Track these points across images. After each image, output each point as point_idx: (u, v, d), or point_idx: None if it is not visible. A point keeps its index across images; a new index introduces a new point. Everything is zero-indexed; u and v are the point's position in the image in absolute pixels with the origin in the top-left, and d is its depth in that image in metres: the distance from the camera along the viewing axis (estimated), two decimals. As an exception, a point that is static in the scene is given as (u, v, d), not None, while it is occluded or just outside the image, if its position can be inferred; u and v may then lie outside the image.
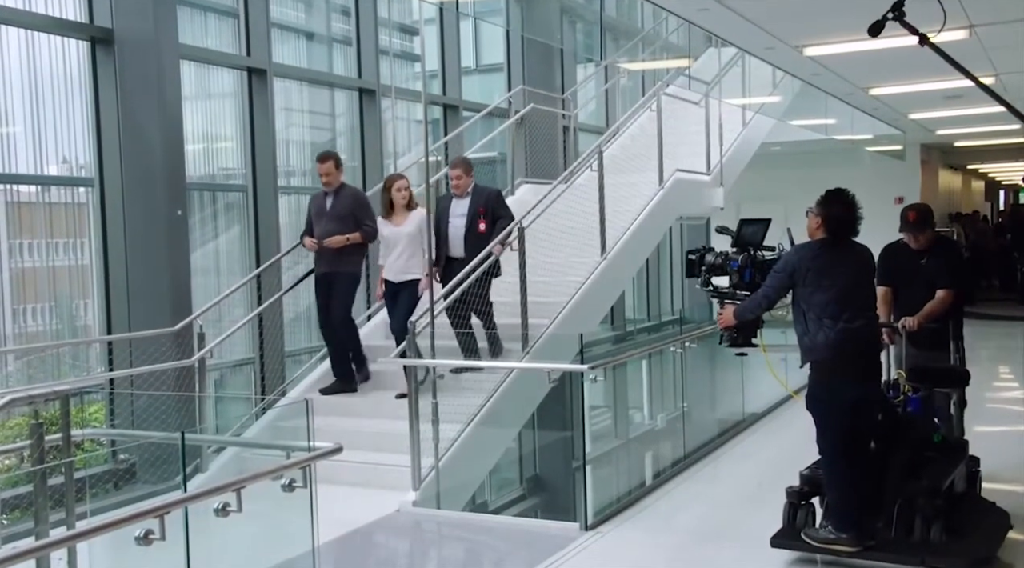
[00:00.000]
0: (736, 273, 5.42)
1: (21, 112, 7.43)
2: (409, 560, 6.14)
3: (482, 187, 8.22)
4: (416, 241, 7.71)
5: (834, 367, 4.98)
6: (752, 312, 5.30)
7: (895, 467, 5.20)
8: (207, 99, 8.98)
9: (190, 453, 6.18)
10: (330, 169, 7.79)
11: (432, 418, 6.63)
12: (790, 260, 5.09)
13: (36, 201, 7.81)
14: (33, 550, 3.63)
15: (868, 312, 5.14)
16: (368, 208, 7.87)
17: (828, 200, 5.10)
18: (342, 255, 7.73)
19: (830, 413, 4.98)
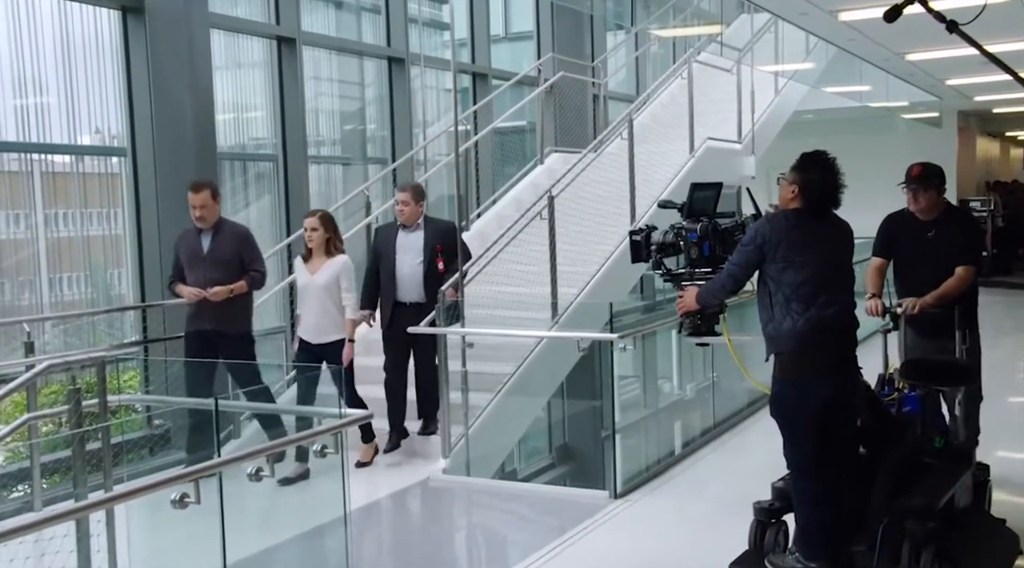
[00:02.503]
0: (695, 246, 4.55)
1: (54, 82, 7.50)
2: (439, 526, 6.21)
3: (435, 219, 7.20)
4: (332, 296, 6.45)
5: (801, 360, 4.18)
6: (716, 295, 4.44)
7: (883, 479, 4.40)
8: (237, 69, 9.01)
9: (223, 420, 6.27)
10: (206, 200, 6.34)
11: (462, 387, 6.69)
12: (760, 230, 4.22)
13: (70, 171, 7.89)
14: (72, 512, 3.72)
15: (844, 297, 4.30)
16: (256, 248, 6.57)
17: (805, 164, 4.27)
18: (232, 307, 6.32)
19: (797, 416, 4.19)
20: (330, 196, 9.74)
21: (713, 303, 4.49)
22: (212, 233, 6.37)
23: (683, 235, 4.58)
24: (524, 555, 5.05)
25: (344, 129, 10.45)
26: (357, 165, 10.35)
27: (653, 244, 4.64)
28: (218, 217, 6.43)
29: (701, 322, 4.59)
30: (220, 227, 6.42)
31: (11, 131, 7.24)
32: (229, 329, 6.28)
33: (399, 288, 6.80)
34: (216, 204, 6.40)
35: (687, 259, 4.60)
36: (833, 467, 4.18)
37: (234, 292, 6.27)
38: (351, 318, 6.45)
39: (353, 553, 4.23)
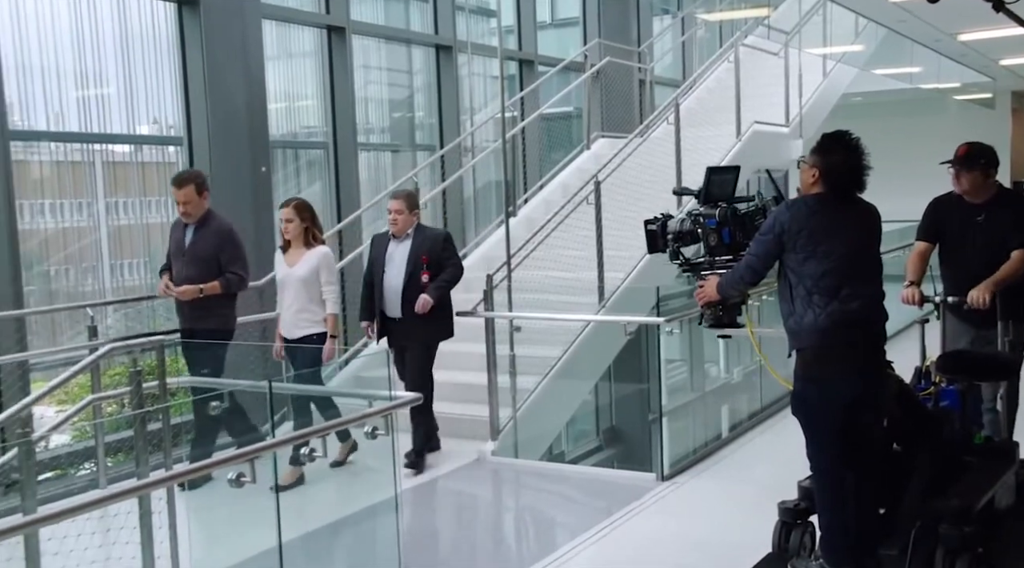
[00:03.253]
0: (714, 233, 4.24)
1: (114, 74, 7.63)
2: (488, 507, 6.26)
3: (427, 228, 6.57)
4: (311, 288, 6.04)
5: (823, 358, 3.88)
6: (735, 287, 4.15)
7: (917, 478, 4.09)
8: (288, 58, 9.10)
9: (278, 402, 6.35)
10: (189, 196, 5.88)
11: (510, 370, 6.72)
12: (779, 218, 3.91)
13: (130, 160, 8.04)
14: (135, 489, 3.81)
15: (870, 289, 3.96)
16: (238, 249, 6.05)
17: (826, 146, 3.94)
18: (206, 308, 5.94)
19: (820, 417, 3.92)
20: (379, 183, 9.80)
21: (733, 294, 4.22)
22: (196, 228, 5.98)
23: (701, 222, 4.29)
24: (572, 536, 5.08)
25: (393, 117, 10.51)
26: (406, 152, 10.40)
27: (670, 233, 4.38)
28: (205, 212, 5.98)
29: (723, 313, 4.32)
30: (205, 223, 5.98)
31: (73, 122, 7.39)
32: (201, 327, 5.84)
33: (386, 302, 6.36)
34: (203, 198, 5.95)
35: (706, 247, 4.31)
36: (858, 469, 3.91)
37: (204, 293, 5.83)
38: (332, 313, 6.05)
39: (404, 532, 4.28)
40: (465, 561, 5.17)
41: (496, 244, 8.84)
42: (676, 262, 4.43)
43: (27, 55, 6.97)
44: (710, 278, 4.23)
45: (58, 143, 7.44)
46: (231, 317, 6.08)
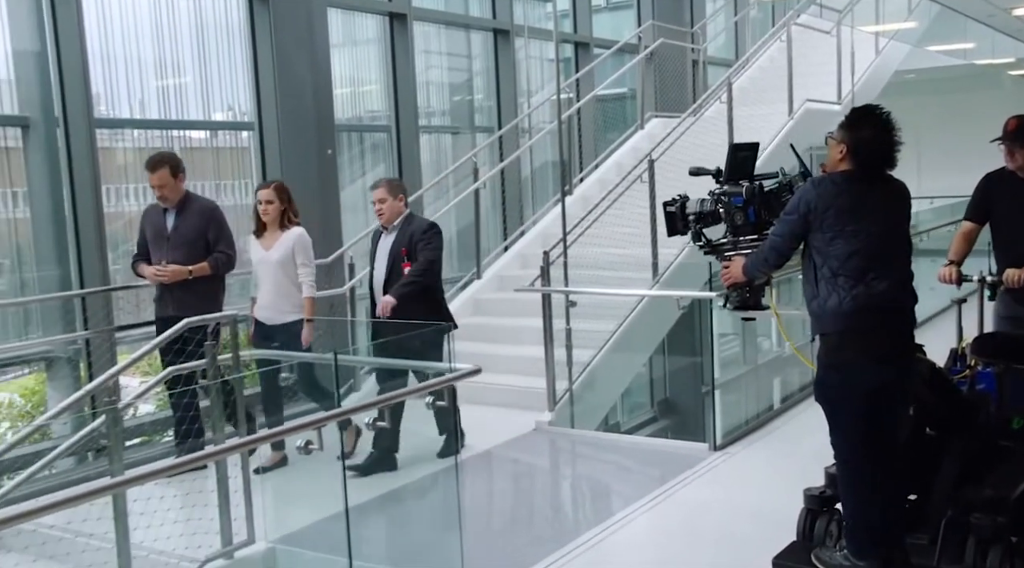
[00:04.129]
0: (740, 211, 3.95)
1: (190, 64, 7.75)
2: (545, 475, 6.28)
3: (416, 218, 5.96)
4: (288, 271, 5.67)
5: (847, 344, 3.60)
6: (760, 269, 3.88)
7: (949, 465, 3.80)
8: (353, 45, 9.15)
9: (344, 374, 6.43)
10: (164, 179, 5.52)
11: (566, 343, 6.72)
12: (805, 197, 3.62)
13: (205, 146, 8.17)
14: (212, 454, 3.90)
15: (899, 271, 3.67)
16: (224, 227, 5.71)
17: (855, 121, 3.64)
18: (194, 292, 5.52)
19: (843, 404, 3.65)
20: (440, 164, 9.83)
21: (759, 276, 3.96)
22: (177, 211, 5.60)
23: (725, 200, 4.00)
24: (626, 503, 5.07)
25: (453, 100, 10.51)
26: (465, 134, 10.41)
27: (691, 214, 4.10)
28: (183, 194, 5.61)
29: (750, 295, 4.06)
30: (186, 205, 5.61)
31: (153, 110, 7.53)
32: (192, 314, 5.20)
33: (375, 298, 5.84)
34: (178, 181, 5.56)
35: (730, 226, 4.01)
36: (884, 459, 3.64)
37: (193, 274, 5.48)
38: (308, 296, 5.67)
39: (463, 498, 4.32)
40: (523, 526, 5.20)
41: (552, 222, 8.81)
42: (698, 244, 4.14)
43: (111, 48, 7.11)
44: (736, 259, 3.98)
45: (140, 130, 7.60)
46: (220, 301, 5.65)
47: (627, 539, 4.67)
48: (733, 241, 4.02)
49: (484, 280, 8.58)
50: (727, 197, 4.00)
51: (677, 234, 4.19)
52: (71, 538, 4.65)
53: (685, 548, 4.52)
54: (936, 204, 11.21)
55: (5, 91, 6.62)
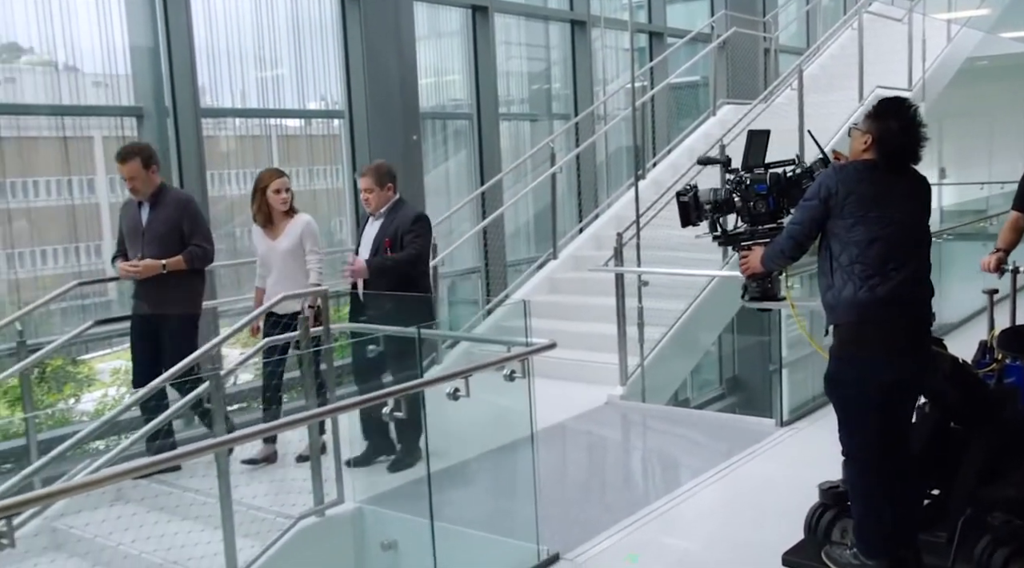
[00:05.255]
0: (762, 199, 3.67)
1: (287, 57, 7.88)
2: (616, 446, 6.25)
3: (405, 207, 5.32)
4: (297, 259, 5.26)
5: (860, 336, 3.33)
6: (777, 261, 3.60)
7: (970, 462, 3.52)
8: (437, 38, 9.18)
9: (427, 348, 6.48)
10: (134, 171, 4.97)
11: (638, 321, 6.67)
12: (825, 182, 3.36)
13: (300, 134, 8.30)
14: (302, 419, 3.97)
15: (917, 263, 3.39)
16: (199, 220, 5.16)
17: (882, 112, 3.39)
18: (168, 289, 5.01)
19: (854, 399, 3.39)
20: (518, 149, 9.82)
21: (777, 267, 3.70)
22: (151, 204, 5.07)
23: (744, 188, 3.71)
24: (694, 475, 5.02)
25: (531, 88, 10.48)
26: (543, 121, 10.37)
27: (708, 204, 3.78)
28: (157, 186, 5.07)
29: (771, 286, 3.79)
30: (160, 197, 5.06)
31: (253, 100, 7.68)
32: (169, 311, 4.99)
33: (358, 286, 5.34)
34: (151, 172, 5.02)
35: (748, 215, 3.73)
36: (895, 457, 3.37)
37: (168, 268, 4.96)
38: (313, 283, 5.20)
39: (539, 467, 4.32)
40: (595, 495, 5.19)
41: (626, 205, 8.73)
42: (714, 234, 3.82)
43: (216, 43, 7.27)
44: (755, 248, 3.72)
45: (241, 119, 7.75)
46: (199, 299, 5.19)
47: (694, 509, 4.62)
48: (751, 230, 3.76)
49: (560, 260, 8.56)
50: (749, 184, 3.72)
51: (690, 225, 3.86)
52: (179, 493, 4.82)
53: (750, 520, 4.45)
54: (1006, 189, 10.78)
55: (123, 84, 6.82)
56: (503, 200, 8.79)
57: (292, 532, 4.31)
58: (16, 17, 6.34)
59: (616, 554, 4.14)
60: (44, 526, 4.68)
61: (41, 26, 6.40)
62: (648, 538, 4.30)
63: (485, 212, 8.56)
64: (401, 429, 5.01)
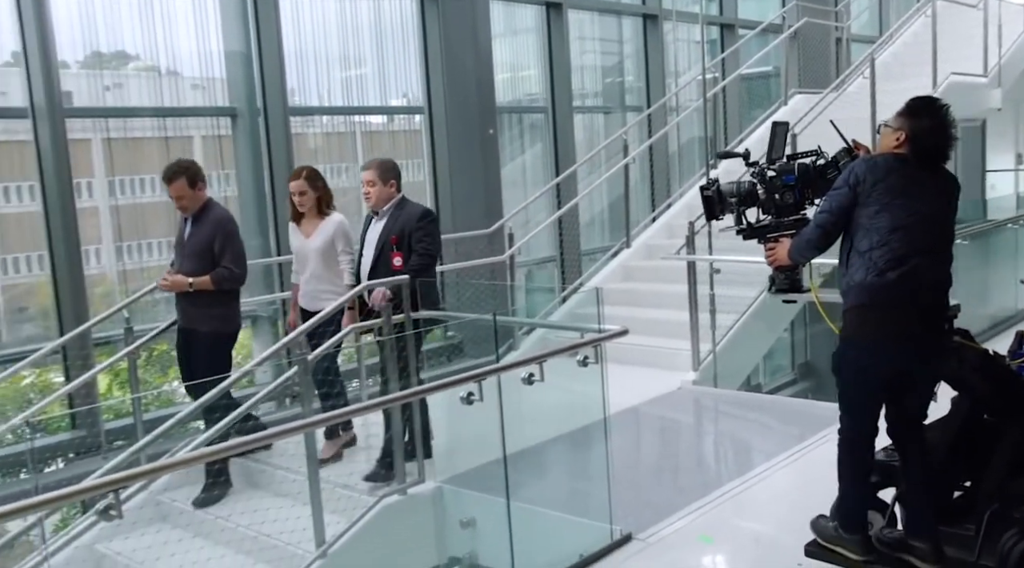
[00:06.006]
0: (790, 191, 3.49)
1: (370, 57, 7.94)
2: (689, 430, 6.14)
3: (410, 204, 4.96)
4: (329, 258, 5.03)
5: (866, 320, 3.19)
6: (804, 253, 3.42)
7: (1000, 455, 3.31)
8: (513, 35, 9.14)
9: (503, 334, 6.46)
10: (182, 189, 4.84)
11: (710, 308, 6.53)
12: (855, 170, 3.23)
13: (382, 130, 8.37)
14: (384, 402, 3.99)
15: (937, 256, 3.23)
16: (232, 240, 4.91)
17: (915, 110, 3.25)
18: (200, 306, 4.85)
19: (852, 383, 3.30)
20: (592, 141, 9.72)
21: (805, 260, 3.51)
22: (193, 220, 4.94)
23: (773, 180, 3.53)
24: (767, 458, 4.90)
25: (605, 82, 10.36)
26: (616, 113, 10.25)
27: (733, 197, 3.59)
28: (203, 203, 4.93)
29: (799, 277, 3.63)
30: (203, 214, 4.92)
31: (338, 98, 7.76)
32: (200, 327, 4.85)
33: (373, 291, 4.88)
34: (197, 190, 4.87)
35: (774, 207, 3.54)
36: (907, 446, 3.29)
37: (194, 287, 4.80)
38: (348, 283, 5.01)
39: (613, 450, 4.27)
40: (668, 477, 5.11)
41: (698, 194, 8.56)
42: (739, 227, 3.62)
43: (303, 45, 7.36)
44: (783, 240, 3.54)
45: (327, 117, 7.85)
46: (231, 318, 4.97)
47: (766, 492, 4.50)
48: (776, 222, 3.56)
49: (633, 249, 8.44)
50: (777, 176, 3.54)
51: (715, 219, 3.71)
52: (271, 470, 4.91)
53: (822, 504, 4.28)
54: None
55: (219, 87, 6.97)
56: (577, 191, 8.71)
57: (376, 509, 4.34)
58: (124, 27, 6.52)
59: (688, 535, 4.07)
60: (149, 499, 4.81)
61: (146, 35, 6.58)
62: (720, 520, 4.20)
63: (560, 202, 8.50)
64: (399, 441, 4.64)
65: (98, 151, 6.51)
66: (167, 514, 4.81)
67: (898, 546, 3.31)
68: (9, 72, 6.06)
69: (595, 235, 9.75)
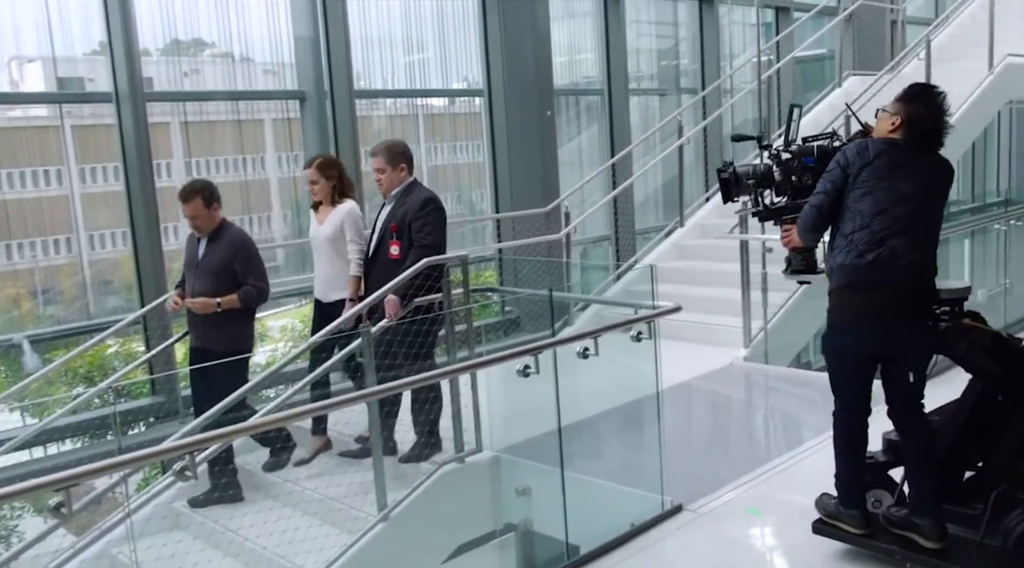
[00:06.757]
0: (809, 172, 3.38)
1: (431, 41, 7.90)
2: (739, 405, 6.04)
3: (418, 189, 4.66)
4: (339, 247, 4.80)
5: (843, 302, 3.18)
6: (805, 233, 3.35)
7: (1010, 437, 3.24)
8: (571, 18, 9.02)
9: (559, 310, 6.42)
10: (197, 210, 4.65)
11: (762, 287, 6.40)
12: (846, 152, 3.20)
13: (444, 112, 8.34)
14: (445, 373, 3.98)
15: (921, 240, 3.14)
16: (253, 259, 4.72)
17: (912, 96, 3.22)
18: (218, 326, 4.63)
19: (835, 363, 3.30)
20: (647, 123, 9.57)
21: (808, 242, 3.43)
22: (208, 239, 4.73)
23: (787, 161, 3.43)
24: (816, 433, 4.76)
25: (660, 64, 10.17)
26: (671, 95, 10.05)
27: (750, 178, 3.49)
28: (218, 223, 4.72)
29: (815, 259, 3.53)
30: (218, 234, 4.71)
31: (401, 81, 7.74)
32: (215, 347, 4.60)
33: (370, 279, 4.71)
34: (212, 210, 4.67)
35: (790, 189, 3.45)
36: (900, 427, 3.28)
37: (222, 307, 4.59)
38: (353, 275, 4.77)
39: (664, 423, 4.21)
40: (718, 450, 5.03)
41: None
42: (755, 209, 3.54)
43: (368, 30, 7.35)
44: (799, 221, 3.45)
45: (391, 99, 7.84)
46: (248, 336, 4.77)
47: (815, 467, 4.38)
48: (792, 204, 3.47)
49: (686, 228, 8.31)
50: (795, 157, 3.44)
51: (731, 200, 3.61)
52: (336, 436, 4.95)
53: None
54: None
55: (288, 72, 7.01)
56: (632, 171, 8.59)
57: (435, 476, 4.35)
58: (200, 16, 6.59)
59: (737, 507, 4.00)
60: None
61: (221, 23, 6.64)
62: (769, 493, 4.13)
63: (615, 183, 8.38)
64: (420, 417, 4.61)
65: (176, 134, 6.61)
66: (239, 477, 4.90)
67: (903, 524, 3.28)
68: (96, 60, 6.17)
69: (649, 214, 9.62)
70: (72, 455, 5.47)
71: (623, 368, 4.48)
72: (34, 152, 6.12)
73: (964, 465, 3.41)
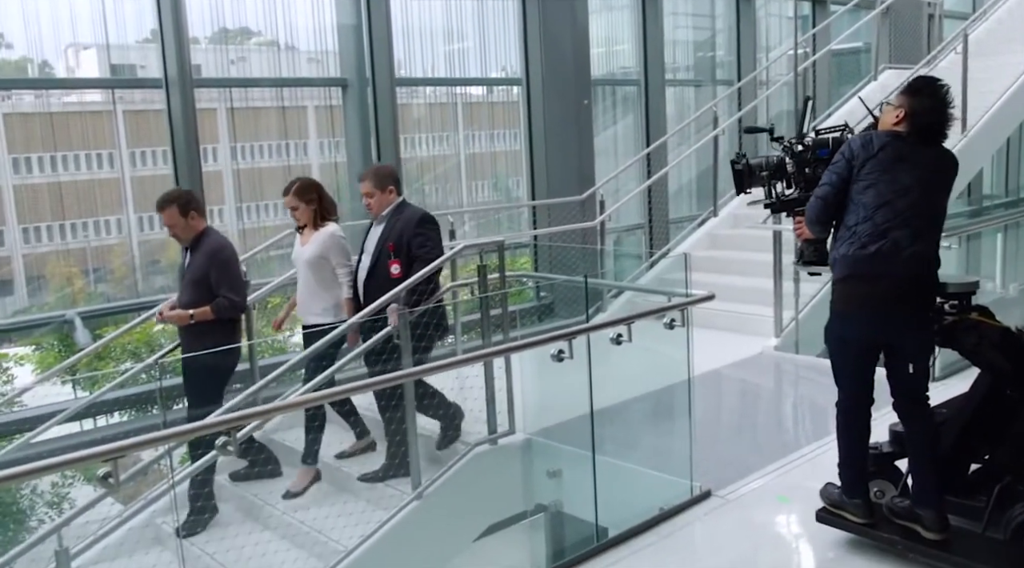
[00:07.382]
0: (823, 163, 3.29)
1: (471, 31, 7.84)
2: (769, 393, 5.94)
3: (409, 208, 4.56)
4: (318, 271, 4.59)
5: (843, 293, 3.14)
6: (812, 225, 3.26)
7: (1017, 429, 3.16)
8: (608, 10, 8.91)
9: (593, 297, 6.36)
10: (173, 218, 4.43)
11: (793, 277, 6.27)
12: (851, 144, 3.14)
13: (482, 101, 8.28)
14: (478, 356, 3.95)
15: (923, 233, 3.07)
16: (228, 270, 4.47)
17: (916, 89, 3.14)
18: (198, 337, 4.44)
19: (836, 354, 3.27)
20: (683, 113, 9.44)
21: (817, 234, 3.33)
22: (190, 249, 4.53)
23: (800, 153, 3.37)
24: (845, 424, 4.66)
25: (696, 56, 10.02)
26: (707, 86, 9.91)
27: (763, 170, 3.42)
28: (199, 232, 4.50)
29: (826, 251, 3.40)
30: (198, 244, 4.49)
31: (441, 70, 7.70)
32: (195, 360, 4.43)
33: (359, 294, 4.58)
34: (190, 219, 4.44)
35: (803, 181, 3.39)
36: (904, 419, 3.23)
37: (195, 319, 4.40)
38: (347, 297, 4.61)
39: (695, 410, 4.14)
40: (748, 436, 4.95)
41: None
42: (767, 201, 3.46)
43: (409, 19, 7.31)
44: None
45: (431, 88, 7.80)
46: (229, 351, 4.49)
47: (846, 457, 4.29)
48: (805, 196, 3.37)
49: (720, 218, 8.17)
50: (808, 149, 3.38)
51: (743, 192, 3.54)
52: (371, 416, 4.94)
53: (903, 471, 4.09)
54: None
55: (332, 59, 7.00)
56: (667, 161, 8.48)
57: (468, 457, 4.33)
58: (247, 5, 6.60)
59: (765, 494, 3.93)
60: (263, 438, 4.92)
61: (267, 12, 6.64)
62: (797, 481, 4.04)
63: (650, 172, 8.29)
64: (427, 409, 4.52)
65: (223, 119, 6.63)
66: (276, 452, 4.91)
67: (906, 514, 3.23)
68: (147, 47, 6.20)
69: (683, 204, 9.50)
70: (120, 427, 5.54)
71: (655, 355, 4.41)
72: (88, 136, 6.18)
73: (970, 458, 3.34)
